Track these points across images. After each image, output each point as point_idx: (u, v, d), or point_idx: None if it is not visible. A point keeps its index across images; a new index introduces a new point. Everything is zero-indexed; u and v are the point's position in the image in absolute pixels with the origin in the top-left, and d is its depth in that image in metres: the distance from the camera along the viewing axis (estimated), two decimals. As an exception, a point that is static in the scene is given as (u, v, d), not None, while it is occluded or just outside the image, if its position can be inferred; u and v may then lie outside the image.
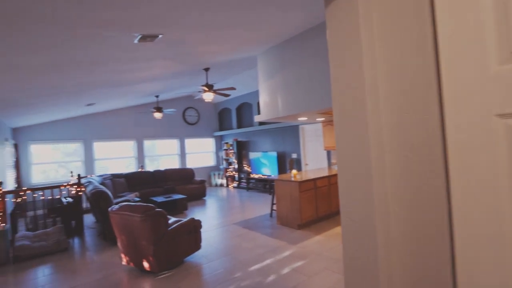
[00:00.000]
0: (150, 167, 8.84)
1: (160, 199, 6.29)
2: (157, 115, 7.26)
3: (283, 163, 7.94)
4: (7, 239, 4.04)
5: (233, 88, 5.26)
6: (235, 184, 9.43)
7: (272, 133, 8.36)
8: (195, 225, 3.74)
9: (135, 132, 8.58)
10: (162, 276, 3.26)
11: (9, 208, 4.75)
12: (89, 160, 7.73)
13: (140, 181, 7.51)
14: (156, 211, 3.28)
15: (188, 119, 9.79)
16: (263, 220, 5.39)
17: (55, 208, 4.89)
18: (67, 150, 7.60)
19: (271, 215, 5.58)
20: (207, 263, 3.57)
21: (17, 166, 6.49)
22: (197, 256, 3.80)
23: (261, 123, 8.47)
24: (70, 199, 5.06)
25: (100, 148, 8.02)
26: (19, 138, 6.78)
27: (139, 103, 8.18)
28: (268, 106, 5.01)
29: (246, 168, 9.21)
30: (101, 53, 2.99)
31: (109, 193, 4.75)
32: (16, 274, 3.61)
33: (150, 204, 3.36)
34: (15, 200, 4.80)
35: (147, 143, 8.92)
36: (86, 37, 2.45)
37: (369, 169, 0.87)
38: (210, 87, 5.14)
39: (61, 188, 5.00)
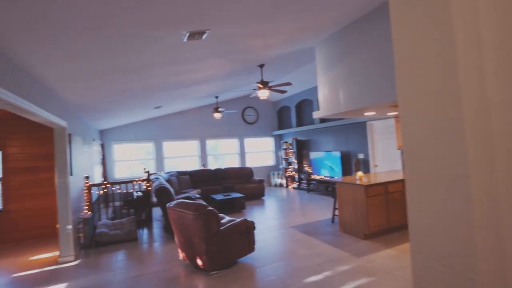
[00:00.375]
0: (214, 165, 9.22)
1: (219, 197, 6.43)
2: (217, 115, 7.48)
3: (348, 164, 7.24)
4: (91, 225, 4.66)
5: (289, 84, 4.97)
6: (295, 185, 9.09)
7: (335, 131, 7.72)
8: (248, 226, 3.61)
9: (199, 132, 9.07)
10: (215, 275, 3.22)
11: (94, 199, 5.49)
12: (159, 158, 8.50)
13: (202, 179, 7.87)
14: (208, 210, 3.25)
15: (247, 118, 9.88)
16: (324, 225, 4.96)
17: (128, 201, 5.45)
18: (148, 149, 8.52)
19: (332, 220, 5.09)
20: (260, 267, 3.40)
21: (104, 162, 7.54)
22: (251, 258, 3.66)
23: (322, 121, 7.92)
24: (140, 193, 5.57)
25: (169, 147, 8.74)
26: (105, 138, 7.89)
27: (201, 104, 8.62)
28: (327, 101, 4.55)
29: (306, 168, 8.77)
30: (156, 55, 3.09)
31: (171, 189, 5.04)
32: (96, 257, 4.11)
33: (202, 203, 3.36)
34: (98, 192, 5.54)
35: (209, 143, 9.35)
36: (138, 39, 2.53)
37: (465, 178, 0.50)
38: (265, 84, 4.97)
39: (134, 183, 5.54)
